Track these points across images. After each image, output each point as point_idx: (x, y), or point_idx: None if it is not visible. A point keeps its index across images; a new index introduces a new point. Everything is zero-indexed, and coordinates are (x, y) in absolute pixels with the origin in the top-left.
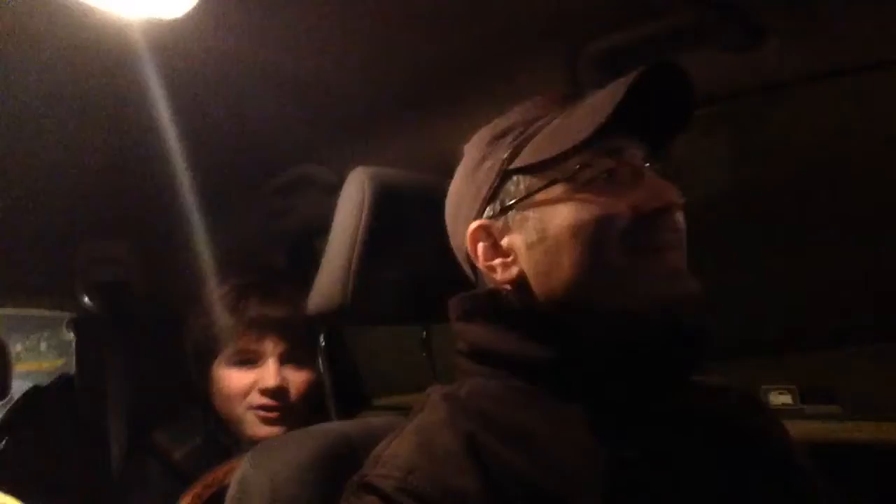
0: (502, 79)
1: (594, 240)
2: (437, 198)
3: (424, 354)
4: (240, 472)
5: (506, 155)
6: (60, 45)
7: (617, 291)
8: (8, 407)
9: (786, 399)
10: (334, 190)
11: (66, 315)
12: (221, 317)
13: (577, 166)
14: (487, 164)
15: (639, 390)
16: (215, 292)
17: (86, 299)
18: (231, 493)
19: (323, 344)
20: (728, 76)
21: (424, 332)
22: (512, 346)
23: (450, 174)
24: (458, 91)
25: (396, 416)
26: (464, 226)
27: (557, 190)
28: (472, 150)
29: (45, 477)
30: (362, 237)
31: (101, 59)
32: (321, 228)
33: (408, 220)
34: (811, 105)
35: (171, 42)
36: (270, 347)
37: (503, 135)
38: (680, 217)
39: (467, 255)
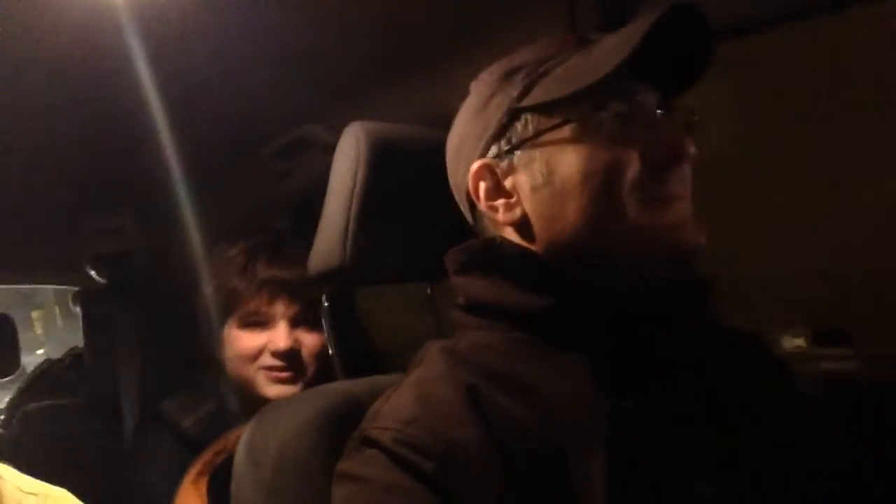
0: (500, 28)
1: (603, 187)
2: (436, 149)
3: (430, 313)
4: (247, 434)
5: (516, 92)
6: (50, 12)
7: (625, 241)
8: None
9: (799, 342)
10: (334, 149)
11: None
12: (231, 279)
13: (590, 108)
14: (496, 100)
15: (641, 340)
16: (225, 255)
17: (91, 272)
18: (239, 454)
19: (326, 304)
20: (733, 12)
21: (429, 290)
22: (510, 296)
23: (448, 128)
24: (455, 43)
25: (402, 374)
26: (466, 164)
27: (567, 131)
28: (480, 86)
29: (58, 451)
30: (359, 194)
31: (96, 27)
32: (324, 189)
33: (406, 174)
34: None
35: (164, 7)
36: (281, 309)
37: (515, 72)
38: (688, 168)
39: (467, 195)
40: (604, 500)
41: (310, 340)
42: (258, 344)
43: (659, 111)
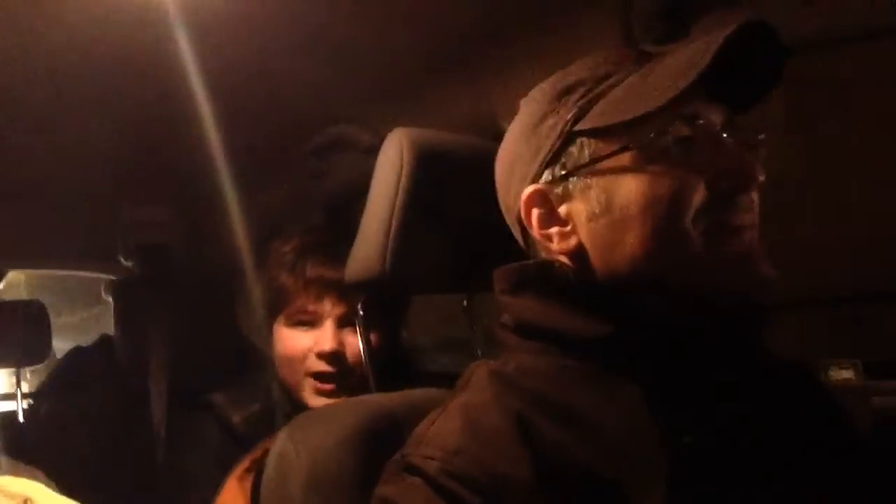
0: (549, 35)
1: (667, 216)
2: (479, 159)
3: (468, 324)
4: (277, 447)
5: (571, 115)
6: (92, 2)
7: (690, 272)
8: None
9: (848, 374)
10: (373, 150)
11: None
12: (280, 276)
13: (652, 134)
14: (549, 122)
15: (700, 372)
16: (276, 251)
17: (128, 262)
18: (269, 469)
19: (361, 313)
20: (789, 29)
21: (465, 301)
22: (564, 321)
23: (492, 136)
24: (502, 49)
25: (437, 389)
26: (518, 188)
27: (627, 158)
28: (532, 105)
29: (84, 442)
30: (401, 202)
31: (138, 21)
32: (360, 190)
33: (448, 183)
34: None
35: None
36: (329, 309)
37: (569, 91)
38: (756, 196)
39: (518, 219)
40: None
41: (355, 341)
42: (305, 345)
43: (724, 134)
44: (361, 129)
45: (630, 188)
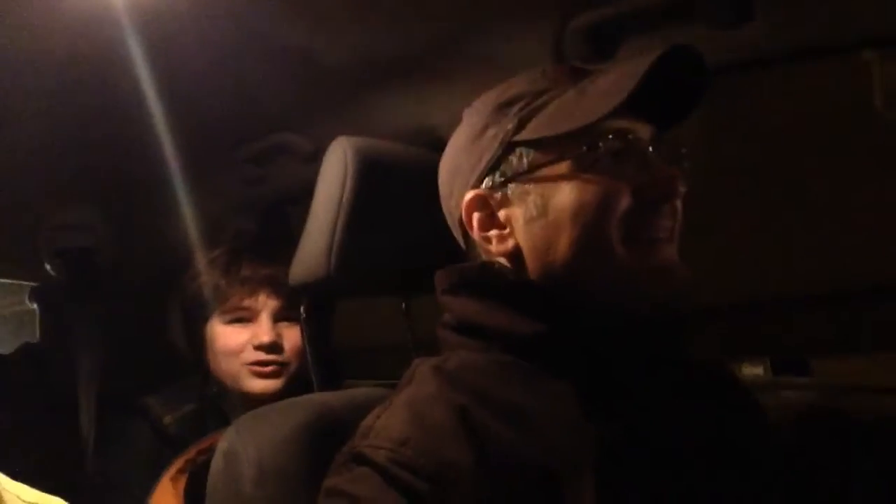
0: (487, 51)
1: (594, 223)
2: (420, 168)
3: (406, 327)
4: (224, 443)
5: (511, 125)
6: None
7: (611, 277)
8: None
9: (757, 371)
10: (311, 158)
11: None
12: (215, 277)
13: (585, 147)
14: (490, 132)
15: (626, 368)
16: (208, 255)
17: (49, 267)
18: (216, 464)
19: (305, 316)
20: (714, 53)
21: (404, 304)
22: (502, 320)
23: (431, 144)
24: (441, 61)
25: (378, 388)
26: (460, 193)
27: (562, 167)
28: (474, 115)
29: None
30: (345, 207)
31: (78, 18)
32: (296, 196)
33: (390, 190)
34: (793, 84)
35: (151, 2)
36: (264, 304)
37: (509, 104)
38: (679, 205)
39: (460, 222)
40: None
41: (291, 334)
42: (242, 339)
43: (650, 147)
44: (300, 138)
45: (564, 194)
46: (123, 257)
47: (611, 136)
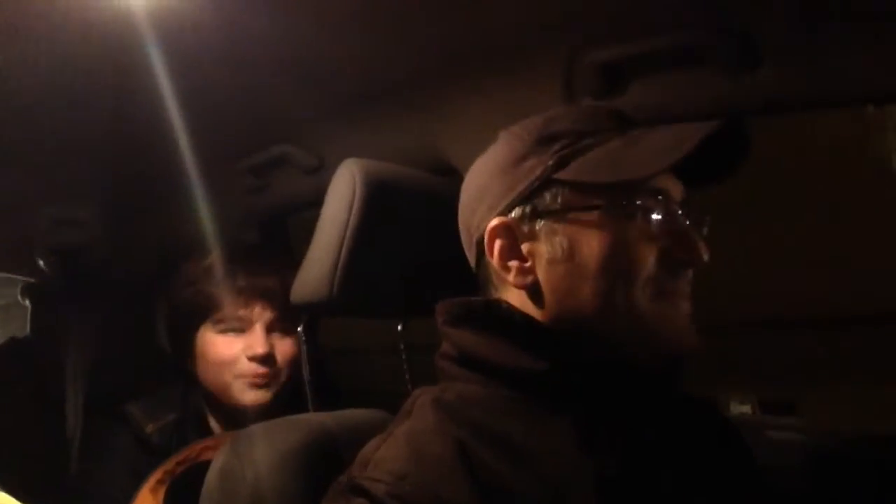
0: (497, 79)
1: (622, 276)
2: (428, 192)
3: (399, 348)
4: (220, 461)
5: (552, 162)
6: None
7: (631, 329)
8: None
9: (745, 409)
10: (312, 171)
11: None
12: (208, 285)
13: (623, 197)
14: (529, 163)
15: (625, 409)
16: (202, 262)
17: (41, 263)
18: (211, 481)
19: (303, 336)
20: (721, 98)
21: (400, 326)
22: (506, 356)
23: (432, 167)
24: (448, 86)
25: (373, 411)
26: (484, 215)
27: (596, 214)
28: (513, 141)
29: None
30: (352, 230)
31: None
32: (295, 208)
33: (397, 214)
34: (800, 131)
35: (158, 9)
36: (258, 315)
37: (552, 139)
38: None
39: (478, 243)
40: None
41: (284, 346)
42: (235, 350)
43: (680, 211)
44: (302, 151)
45: (593, 243)
46: (118, 259)
47: (648, 194)
